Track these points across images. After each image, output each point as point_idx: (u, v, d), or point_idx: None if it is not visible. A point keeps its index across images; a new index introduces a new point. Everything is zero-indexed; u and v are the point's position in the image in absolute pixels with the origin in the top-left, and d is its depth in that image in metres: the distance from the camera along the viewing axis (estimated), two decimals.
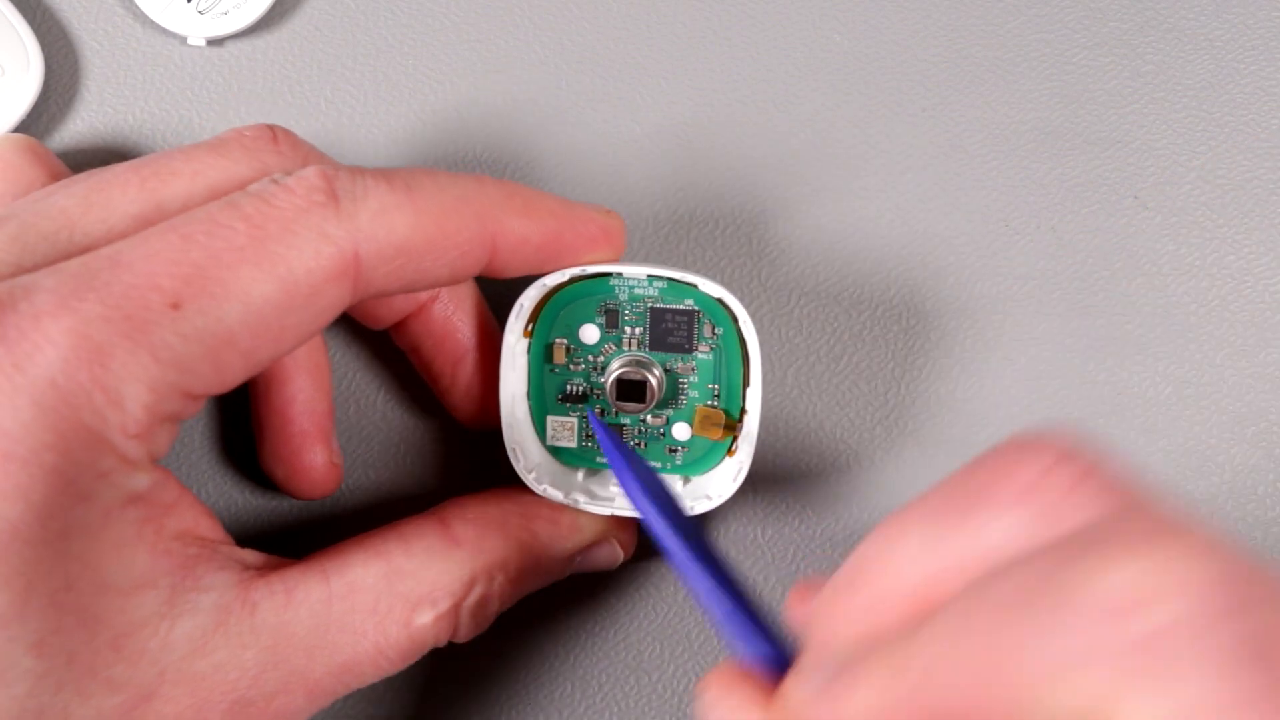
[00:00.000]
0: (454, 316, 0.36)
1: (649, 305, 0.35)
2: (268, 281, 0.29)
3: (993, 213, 0.39)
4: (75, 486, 0.28)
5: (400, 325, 0.37)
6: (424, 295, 0.36)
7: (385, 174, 0.31)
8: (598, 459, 0.36)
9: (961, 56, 0.40)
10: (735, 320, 0.34)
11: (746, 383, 0.35)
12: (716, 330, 0.35)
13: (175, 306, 0.28)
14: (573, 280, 0.35)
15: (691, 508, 0.35)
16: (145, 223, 0.31)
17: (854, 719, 0.24)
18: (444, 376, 0.37)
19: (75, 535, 0.28)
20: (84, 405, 0.28)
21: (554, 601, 0.39)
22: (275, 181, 0.30)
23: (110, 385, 0.28)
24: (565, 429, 0.36)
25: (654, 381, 0.35)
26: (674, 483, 0.36)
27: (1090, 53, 0.40)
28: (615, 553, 0.37)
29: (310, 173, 0.31)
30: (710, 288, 0.34)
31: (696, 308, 0.35)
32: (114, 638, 0.29)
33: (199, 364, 0.29)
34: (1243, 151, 0.39)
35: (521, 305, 0.35)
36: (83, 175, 0.33)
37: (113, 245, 0.29)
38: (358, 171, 0.31)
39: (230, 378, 0.30)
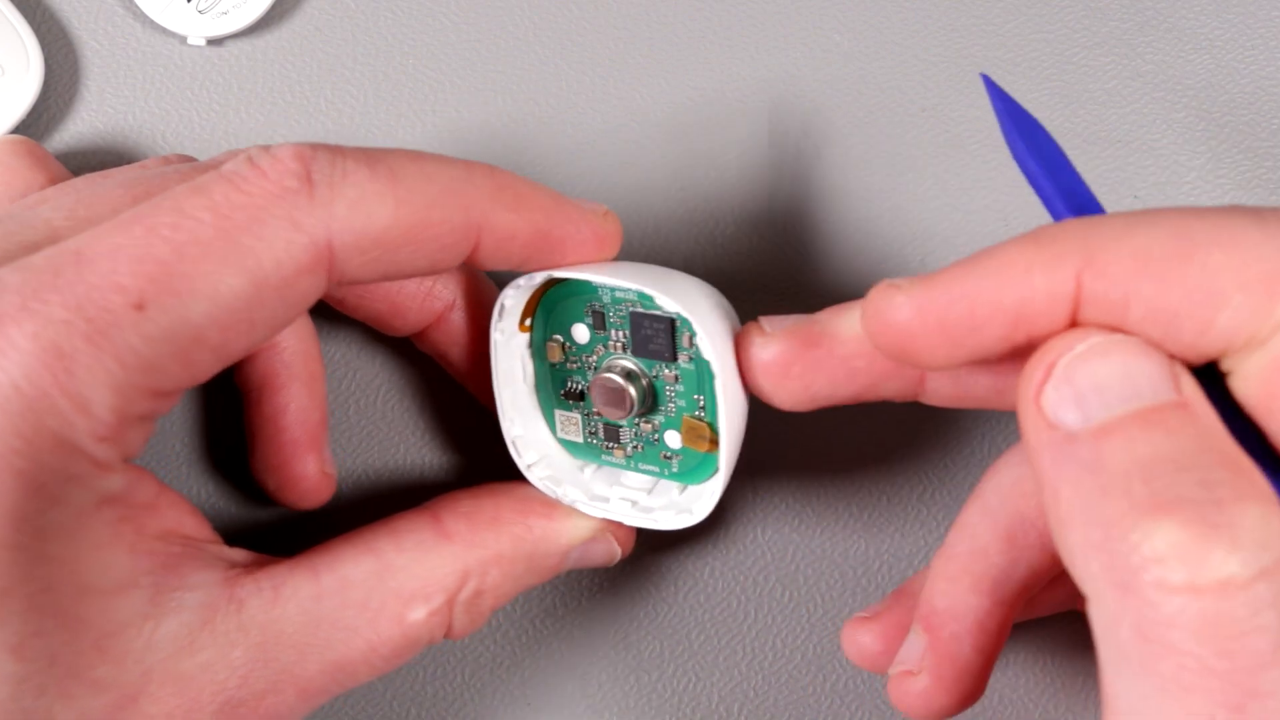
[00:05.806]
0: (474, 321, 0.36)
1: (629, 309, 0.33)
2: (236, 276, 0.28)
3: (993, 213, 0.39)
4: (46, 490, 0.27)
5: (421, 335, 0.36)
6: (439, 305, 0.36)
7: (368, 157, 0.30)
8: (603, 456, 0.36)
9: (961, 56, 0.40)
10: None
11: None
12: (693, 341, 0.33)
13: (139, 307, 0.28)
14: (548, 284, 0.34)
15: (677, 519, 0.34)
16: None
17: None
18: (474, 376, 0.37)
19: (51, 538, 0.28)
20: (49, 411, 0.27)
21: (553, 601, 0.39)
22: (250, 160, 0.29)
23: (74, 391, 0.27)
24: (571, 424, 0.36)
25: (633, 391, 0.34)
26: (670, 489, 0.35)
27: (1090, 53, 0.39)
28: (612, 549, 0.36)
29: (286, 153, 0.29)
30: (666, 302, 0.32)
31: (672, 315, 0.33)
32: (97, 639, 0.28)
33: (166, 363, 0.28)
34: (1243, 151, 0.39)
35: (503, 305, 0.34)
36: (74, 183, 0.32)
37: (78, 236, 0.28)
38: (338, 152, 0.30)
39: (201, 372, 0.29)
